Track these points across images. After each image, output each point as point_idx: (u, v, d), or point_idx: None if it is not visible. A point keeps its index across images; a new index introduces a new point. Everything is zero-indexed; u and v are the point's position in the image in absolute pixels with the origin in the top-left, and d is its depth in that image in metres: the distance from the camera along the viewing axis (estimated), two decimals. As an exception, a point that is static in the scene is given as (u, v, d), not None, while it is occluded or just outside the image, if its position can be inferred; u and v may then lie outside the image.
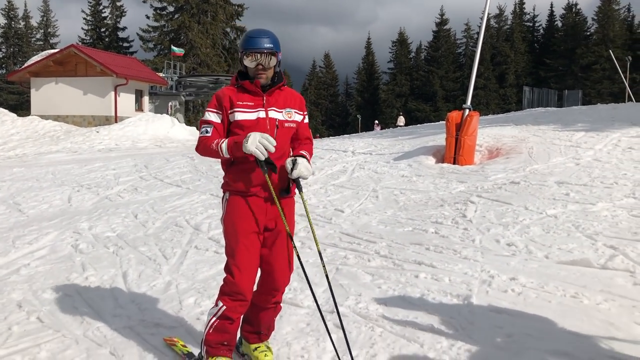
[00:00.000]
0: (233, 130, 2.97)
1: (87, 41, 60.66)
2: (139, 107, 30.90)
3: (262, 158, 2.78)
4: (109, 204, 8.65)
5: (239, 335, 3.29)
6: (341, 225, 6.30)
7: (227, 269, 2.97)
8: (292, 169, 2.91)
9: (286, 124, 3.02)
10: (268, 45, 2.87)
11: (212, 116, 2.97)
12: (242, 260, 2.91)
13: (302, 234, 6.07)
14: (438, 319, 3.60)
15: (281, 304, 3.23)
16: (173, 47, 41.52)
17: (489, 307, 3.75)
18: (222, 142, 2.89)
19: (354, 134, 22.72)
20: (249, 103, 2.96)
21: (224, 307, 2.91)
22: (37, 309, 4.21)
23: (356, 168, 9.96)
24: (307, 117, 3.21)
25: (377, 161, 10.43)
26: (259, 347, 3.18)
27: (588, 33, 62.98)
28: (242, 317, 3.05)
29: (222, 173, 3.12)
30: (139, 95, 30.95)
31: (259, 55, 2.87)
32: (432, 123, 23.79)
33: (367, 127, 49.20)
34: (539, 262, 4.58)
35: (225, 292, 2.93)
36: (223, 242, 5.93)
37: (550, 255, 4.73)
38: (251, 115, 2.94)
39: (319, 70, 79.61)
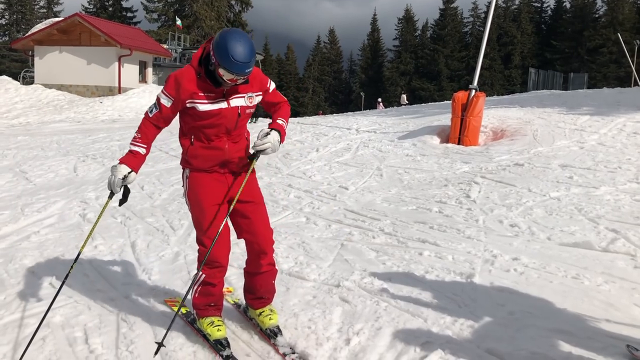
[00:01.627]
0: (191, 116, 2.96)
1: (91, 10, 59.96)
2: (143, 79, 30.76)
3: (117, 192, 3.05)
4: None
5: (244, 302, 3.43)
6: (345, 202, 6.37)
7: (199, 240, 3.10)
8: (259, 140, 2.98)
9: (247, 110, 3.03)
10: (248, 70, 2.79)
11: (164, 100, 2.94)
12: (212, 230, 3.02)
13: (307, 210, 6.14)
14: (441, 295, 3.69)
15: (276, 267, 3.33)
16: (177, 19, 41.14)
17: (491, 286, 3.83)
18: (132, 148, 3.03)
19: (357, 112, 22.68)
20: (209, 94, 2.91)
21: (204, 275, 3.06)
22: (48, 275, 4.30)
23: (360, 146, 10.00)
24: (272, 82, 3.19)
25: (381, 140, 10.46)
26: (263, 311, 3.29)
27: (597, 15, 62.23)
28: (224, 281, 3.19)
29: None
30: (142, 66, 30.78)
31: (238, 76, 2.78)
32: (437, 102, 23.72)
33: (371, 105, 48.97)
34: (541, 244, 4.66)
35: (202, 262, 3.05)
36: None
37: (553, 237, 4.80)
38: (212, 106, 2.92)
39: (323, 46, 78.86)
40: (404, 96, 38.76)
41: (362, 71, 73.02)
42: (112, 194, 3.10)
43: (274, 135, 3.01)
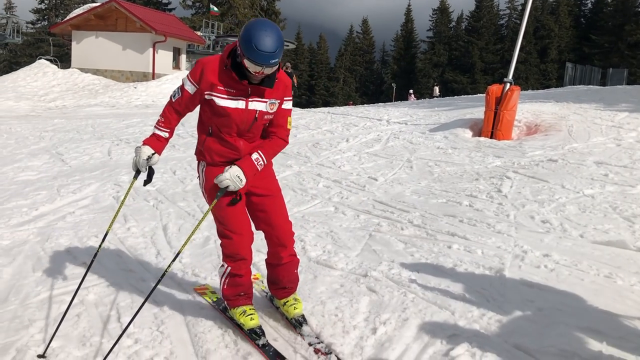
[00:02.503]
0: (207, 108, 2.92)
1: (127, -4, 60.72)
2: (176, 65, 31.10)
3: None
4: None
5: (269, 292, 3.47)
6: (374, 193, 6.36)
7: (221, 234, 3.08)
8: (216, 178, 2.89)
9: (265, 116, 2.93)
10: (274, 61, 2.64)
11: (187, 86, 2.92)
12: (232, 223, 3.01)
13: (336, 199, 6.16)
14: (470, 289, 3.67)
15: (297, 256, 3.31)
16: (212, 6, 41.39)
17: (520, 281, 3.79)
18: (156, 131, 3.05)
19: (388, 103, 22.54)
20: (231, 90, 2.83)
21: (229, 268, 3.08)
22: (83, 254, 4.42)
23: (391, 137, 9.95)
24: (289, 102, 3.02)
25: (412, 131, 10.39)
26: (287, 301, 3.30)
27: (639, 9, 60.34)
28: (251, 272, 3.19)
29: None
30: (176, 53, 31.12)
31: (262, 66, 2.65)
32: (470, 95, 23.39)
33: (402, 97, 48.54)
34: (573, 241, 4.58)
35: (226, 255, 3.07)
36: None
37: (585, 234, 4.72)
38: (230, 103, 2.84)
39: (356, 35, 78.38)
40: (437, 88, 38.36)
41: (394, 62, 72.38)
42: (137, 174, 3.12)
43: (232, 171, 2.87)
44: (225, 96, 2.84)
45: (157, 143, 3.06)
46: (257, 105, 2.88)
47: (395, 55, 72.99)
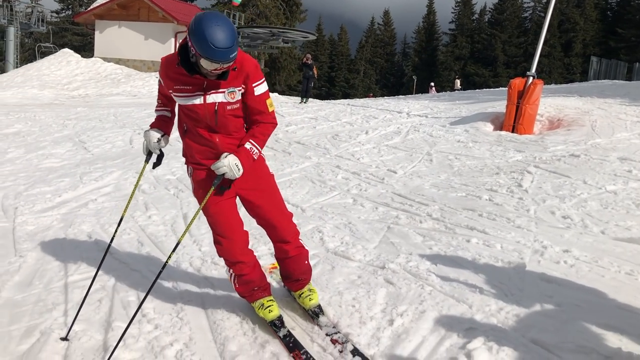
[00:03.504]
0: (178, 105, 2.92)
1: (150, -14, 61.07)
2: (197, 55, 31.18)
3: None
4: (169, 149, 8.88)
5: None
6: (393, 186, 6.35)
7: (214, 239, 3.07)
8: (213, 165, 2.80)
9: (228, 107, 2.79)
10: (232, 55, 2.53)
11: (161, 80, 2.95)
12: (220, 227, 2.98)
13: (355, 191, 6.16)
14: (488, 283, 3.65)
15: (305, 247, 3.27)
16: (233, -4, 41.37)
17: (539, 276, 3.77)
18: (158, 113, 3.12)
19: (409, 95, 22.40)
20: (186, 87, 2.75)
21: (232, 270, 3.10)
22: (105, 240, 4.49)
23: (411, 130, 9.91)
24: (261, 85, 2.83)
25: (432, 124, 10.33)
26: (302, 292, 3.31)
27: (668, 3, 58.99)
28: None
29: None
30: (197, 43, 31.20)
31: (222, 63, 2.54)
32: (491, 89, 23.16)
33: (423, 89, 48.22)
34: (594, 237, 4.53)
35: (224, 260, 3.08)
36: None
37: (607, 231, 4.66)
38: (187, 101, 2.78)
39: (377, 27, 77.90)
40: (458, 81, 37.96)
41: (415, 54, 71.82)
42: (149, 156, 3.12)
43: (231, 159, 2.77)
44: (183, 94, 2.78)
45: (163, 124, 3.08)
46: (216, 97, 2.76)
47: (416, 48, 72.37)
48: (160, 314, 3.25)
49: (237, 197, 3.05)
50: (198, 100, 2.76)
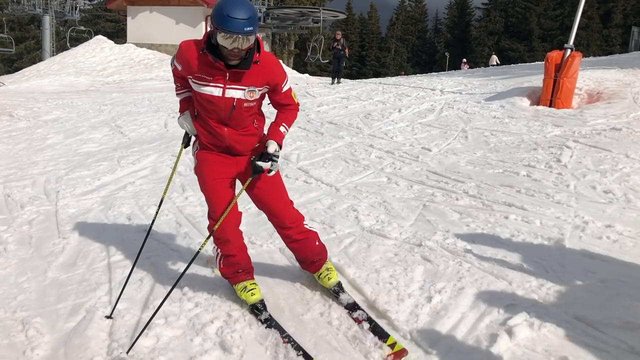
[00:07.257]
0: (192, 90, 2.93)
1: (179, -30, 61.25)
2: (228, 38, 31.24)
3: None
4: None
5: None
6: (428, 164, 6.28)
7: (208, 213, 3.12)
8: (258, 160, 2.90)
9: (245, 104, 2.85)
10: (248, 29, 2.55)
11: (177, 64, 2.93)
12: (213, 204, 3.02)
13: (389, 170, 6.12)
14: (528, 259, 3.59)
15: (312, 230, 3.26)
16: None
17: (581, 252, 3.69)
18: (181, 97, 3.14)
19: (442, 72, 22.03)
20: (207, 77, 2.78)
21: (219, 249, 3.12)
22: (143, 222, 4.58)
23: (445, 107, 9.75)
24: (287, 84, 2.98)
25: (467, 101, 10.14)
26: (320, 273, 3.29)
27: None
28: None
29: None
30: (227, 26, 31.23)
31: (236, 37, 2.56)
32: (527, 63, 22.55)
33: (455, 66, 47.34)
34: (638, 212, 4.40)
35: (214, 237, 3.08)
36: (312, 171, 6.10)
37: (652, 205, 4.52)
38: (206, 90, 2.80)
39: (407, 4, 76.61)
40: (495, 57, 37.02)
41: (447, 30, 70.39)
42: (187, 139, 3.25)
43: (273, 147, 2.94)
44: (203, 82, 2.80)
45: (191, 106, 3.08)
46: (235, 93, 2.80)
47: (448, 24, 70.91)
48: (199, 292, 3.30)
49: (237, 180, 3.13)
50: (217, 92, 2.80)
